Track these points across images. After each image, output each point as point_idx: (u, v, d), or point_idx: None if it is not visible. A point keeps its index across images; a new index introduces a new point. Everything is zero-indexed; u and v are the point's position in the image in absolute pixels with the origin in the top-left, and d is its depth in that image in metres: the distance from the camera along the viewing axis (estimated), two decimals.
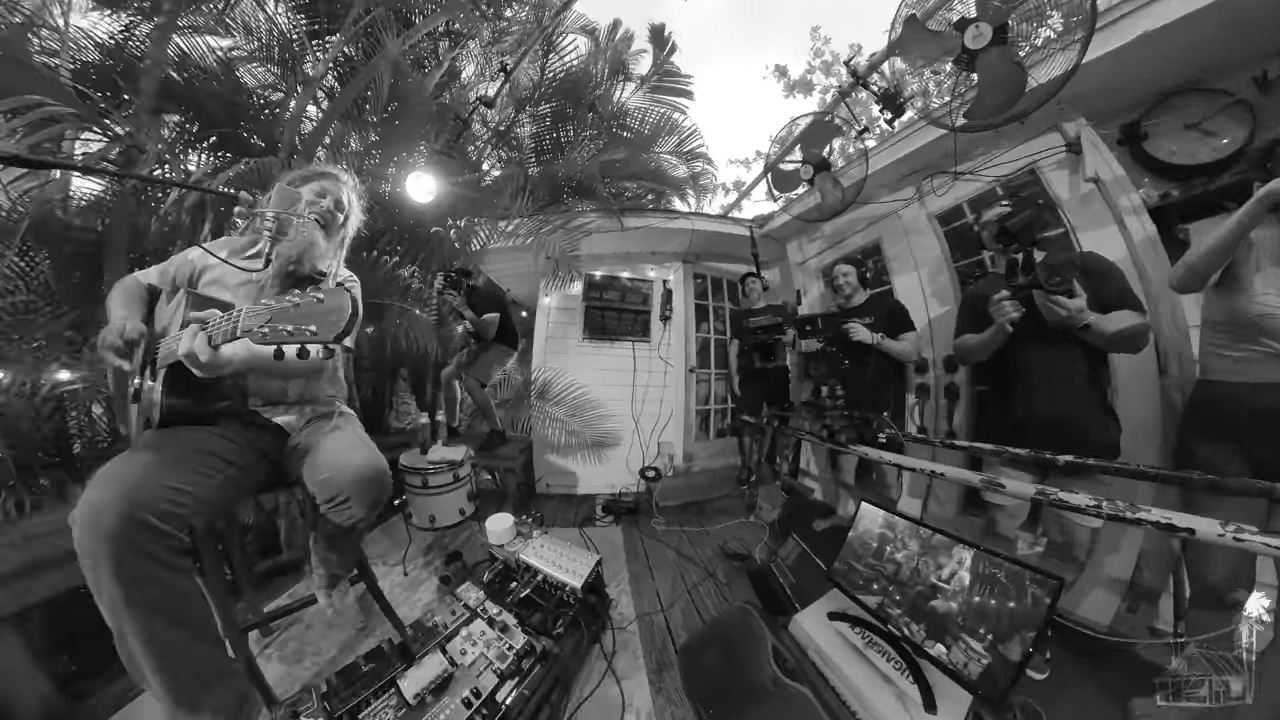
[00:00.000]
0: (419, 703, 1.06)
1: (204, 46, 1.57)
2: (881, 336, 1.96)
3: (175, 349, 0.82)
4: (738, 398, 3.14)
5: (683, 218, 3.41)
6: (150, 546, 0.76)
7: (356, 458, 1.01)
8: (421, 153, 2.50)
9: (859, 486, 2.28)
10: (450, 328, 3.00)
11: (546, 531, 1.80)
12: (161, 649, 0.77)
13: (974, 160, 2.12)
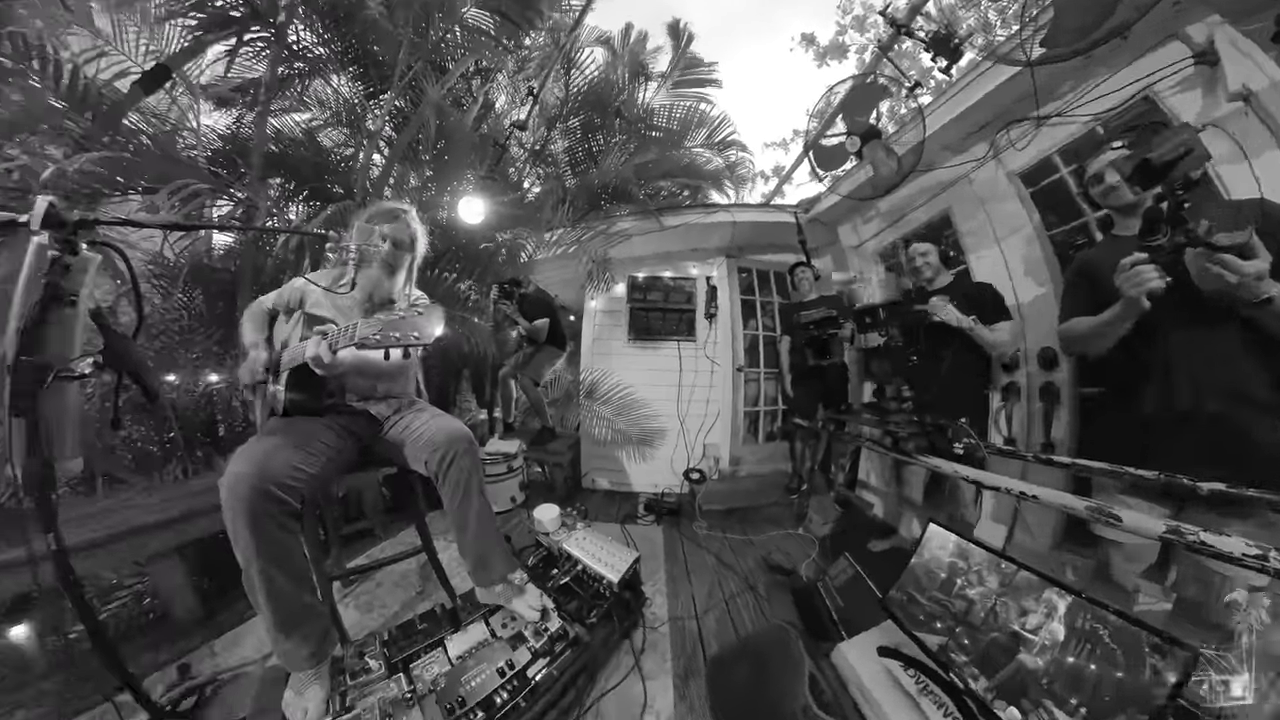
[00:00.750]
0: (460, 663, 1.21)
1: (291, 122, 2.04)
2: (974, 320, 1.65)
3: (300, 354, 1.08)
4: (790, 399, 2.92)
5: (722, 210, 3.35)
6: (271, 510, 0.99)
7: (453, 425, 1.28)
8: (469, 180, 2.79)
9: (927, 505, 2.01)
10: (505, 333, 3.33)
11: (589, 525, 1.86)
12: (271, 586, 1.01)
13: (1060, 99, 1.74)
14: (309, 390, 1.20)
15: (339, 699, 1.09)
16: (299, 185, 2.14)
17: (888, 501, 2.45)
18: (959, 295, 1.74)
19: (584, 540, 1.69)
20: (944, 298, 1.70)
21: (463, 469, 1.26)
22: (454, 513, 1.30)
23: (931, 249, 1.88)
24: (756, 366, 3.65)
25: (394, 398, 1.38)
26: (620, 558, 1.57)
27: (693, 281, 3.56)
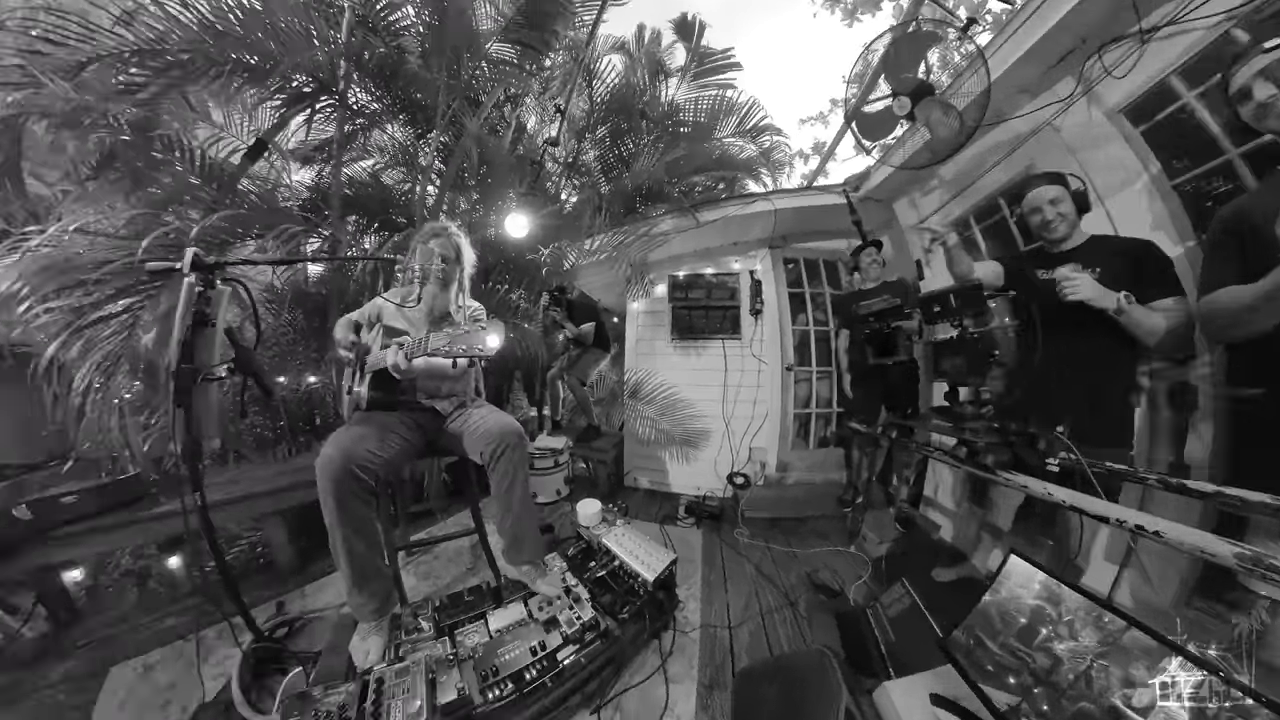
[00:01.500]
0: (498, 636, 1.32)
1: (359, 169, 2.48)
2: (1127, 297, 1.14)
3: (381, 360, 1.32)
4: (849, 400, 2.67)
5: (760, 199, 3.20)
6: (354, 487, 1.21)
7: (505, 421, 1.46)
8: (511, 198, 3.05)
9: (1012, 533, 1.73)
10: (554, 337, 3.59)
11: (629, 522, 1.90)
12: (350, 548, 1.23)
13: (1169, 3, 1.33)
14: (386, 390, 1.42)
15: (394, 649, 1.26)
16: (370, 219, 2.58)
17: (959, 523, 2.12)
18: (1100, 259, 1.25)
19: (623, 537, 1.73)
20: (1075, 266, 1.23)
21: (511, 460, 1.41)
22: (499, 497, 1.45)
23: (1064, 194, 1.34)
24: (807, 365, 3.40)
25: (456, 396, 1.57)
26: (657, 558, 1.59)
27: (735, 277, 3.43)
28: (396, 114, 2.40)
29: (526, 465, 1.47)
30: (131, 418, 1.59)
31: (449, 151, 2.59)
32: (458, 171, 2.69)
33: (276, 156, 2.25)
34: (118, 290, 1.52)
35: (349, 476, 1.20)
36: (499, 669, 1.22)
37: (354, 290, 2.42)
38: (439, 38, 2.09)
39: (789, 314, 3.38)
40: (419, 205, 2.65)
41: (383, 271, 2.38)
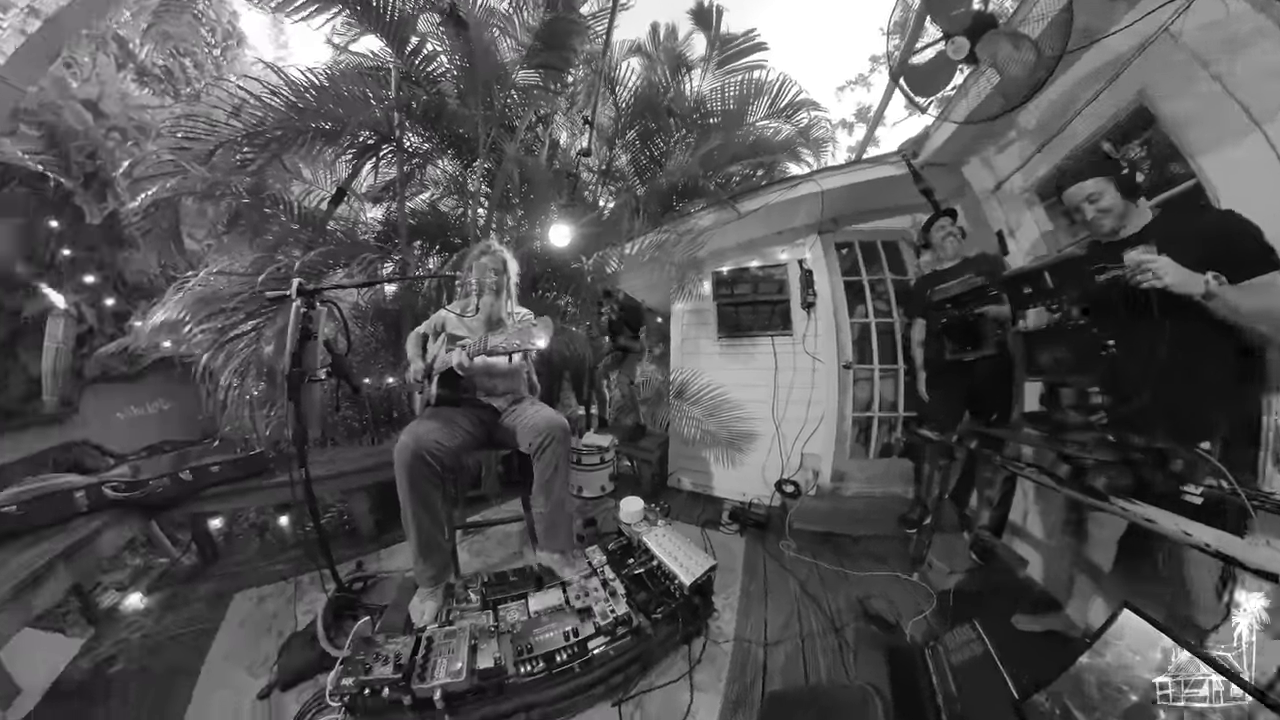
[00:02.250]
0: (536, 617, 1.43)
1: (420, 201, 2.93)
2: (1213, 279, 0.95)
3: (447, 362, 1.53)
4: (923, 403, 2.34)
5: (804, 181, 2.94)
6: (423, 471, 1.41)
7: (552, 416, 1.62)
8: (552, 211, 3.27)
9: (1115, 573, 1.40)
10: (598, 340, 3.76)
11: (670, 523, 1.90)
12: (418, 522, 1.44)
13: None
14: (451, 388, 1.65)
15: (445, 614, 1.45)
16: (432, 243, 3.01)
17: (1053, 560, 1.74)
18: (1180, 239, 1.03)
19: (663, 537, 1.73)
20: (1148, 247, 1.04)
21: (555, 452, 1.54)
22: (540, 485, 1.58)
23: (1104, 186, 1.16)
24: (868, 362, 3.06)
25: (511, 394, 1.75)
26: (696, 562, 1.57)
27: (783, 268, 3.21)
28: (445, 150, 2.78)
29: (568, 459, 1.59)
30: (258, 409, 2.12)
31: (493, 176, 2.90)
32: (502, 193, 2.98)
33: (353, 199, 2.77)
34: (247, 314, 2.03)
35: (420, 462, 1.40)
36: (533, 647, 1.31)
37: (422, 304, 2.84)
38: (471, 78, 2.37)
39: (845, 305, 3.05)
40: (472, 227, 3.01)
41: (445, 287, 2.77)
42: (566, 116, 3.27)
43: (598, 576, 1.59)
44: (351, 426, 2.60)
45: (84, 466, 1.79)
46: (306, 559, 1.87)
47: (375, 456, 2.22)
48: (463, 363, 1.47)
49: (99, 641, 1.41)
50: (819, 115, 3.16)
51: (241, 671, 1.42)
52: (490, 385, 1.70)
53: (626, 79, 3.16)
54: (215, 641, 1.54)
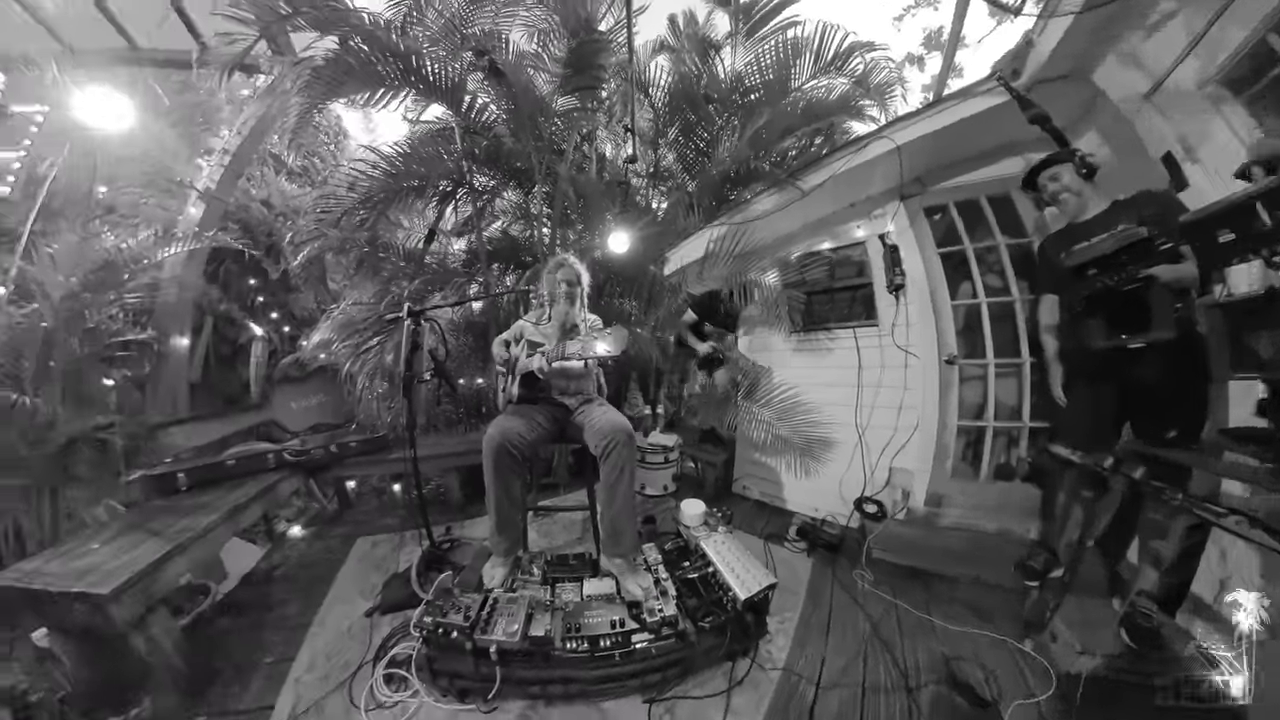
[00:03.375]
0: (587, 601, 1.53)
1: (494, 229, 3.49)
2: None
3: (527, 366, 1.72)
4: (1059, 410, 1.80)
5: (873, 139, 2.48)
6: (505, 459, 1.61)
7: (618, 419, 1.71)
8: (608, 220, 3.45)
9: None
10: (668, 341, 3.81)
11: (731, 531, 1.86)
12: (498, 501, 1.66)
13: None
14: (530, 388, 1.84)
15: (511, 582, 1.65)
16: (507, 263, 3.55)
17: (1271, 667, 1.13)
18: None
19: (722, 545, 1.70)
20: None
21: (620, 456, 1.61)
22: (606, 488, 1.64)
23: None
24: (979, 356, 2.45)
25: (581, 394, 1.90)
26: (754, 576, 1.52)
27: (862, 247, 2.78)
28: (507, 183, 3.26)
29: (633, 462, 1.65)
30: (382, 403, 2.84)
31: (551, 198, 3.28)
32: (561, 211, 3.34)
33: (442, 237, 3.46)
34: (374, 333, 2.75)
35: (503, 451, 1.61)
36: (581, 628, 1.40)
37: (503, 316, 3.37)
38: (518, 117, 2.77)
39: (944, 284, 2.52)
40: (539, 245, 3.45)
41: (521, 300, 3.26)
42: (608, 129, 3.48)
43: (651, 573, 1.62)
44: (449, 418, 3.24)
45: (272, 438, 2.69)
46: (410, 519, 2.43)
47: (467, 444, 2.69)
48: (543, 367, 1.65)
49: (272, 554, 2.13)
50: (876, 57, 2.71)
51: (355, 594, 1.93)
52: (564, 385, 1.86)
53: (657, 79, 3.22)
54: (341, 568, 2.13)
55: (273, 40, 1.83)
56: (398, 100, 2.31)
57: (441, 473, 2.77)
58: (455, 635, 1.38)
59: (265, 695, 1.41)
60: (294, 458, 2.17)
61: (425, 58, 2.21)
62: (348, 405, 2.78)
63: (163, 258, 2.29)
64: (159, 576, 1.38)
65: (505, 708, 1.36)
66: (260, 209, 3.15)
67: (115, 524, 1.55)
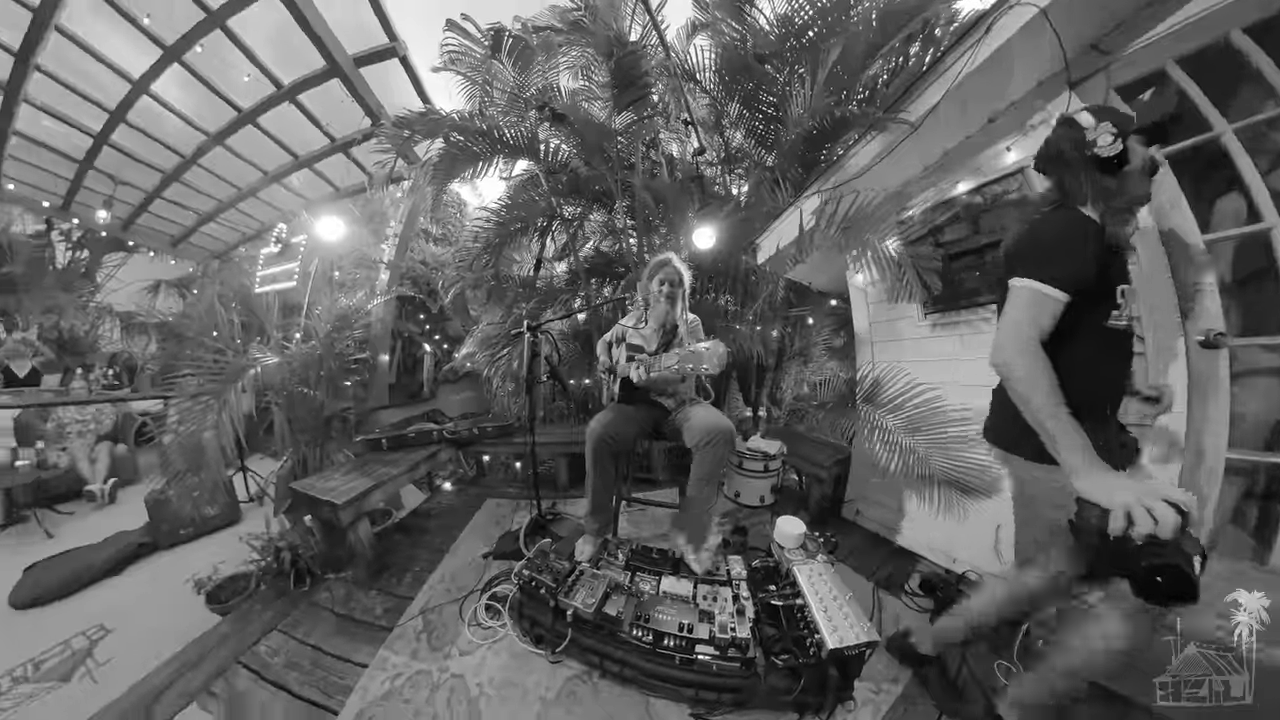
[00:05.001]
0: (662, 596, 1.60)
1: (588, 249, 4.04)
2: None
3: (626, 371, 1.87)
4: None
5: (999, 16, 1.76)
6: (603, 450, 1.83)
7: (717, 418, 1.77)
8: (690, 217, 3.47)
9: None
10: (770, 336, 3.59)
11: (834, 563, 1.70)
12: (595, 487, 1.89)
13: None
14: (629, 389, 1.97)
15: (597, 561, 1.81)
16: (603, 276, 4.06)
17: None
18: None
19: (818, 578, 1.54)
20: None
21: (715, 452, 1.68)
22: (693, 482, 1.77)
23: None
24: (1269, 331, 1.49)
25: (679, 395, 2.01)
26: (851, 625, 1.31)
27: (1019, 177, 1.94)
28: (591, 206, 3.76)
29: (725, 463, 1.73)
30: (510, 398, 3.71)
31: (631, 209, 3.64)
32: (644, 220, 3.65)
33: (546, 264, 4.21)
34: (503, 345, 3.66)
35: (602, 443, 1.79)
36: (649, 619, 1.47)
37: (604, 324, 3.90)
38: (586, 147, 3.24)
39: (1185, 205, 1.56)
40: (629, 255, 3.85)
41: (618, 308, 3.73)
42: (669, 130, 3.56)
43: (731, 588, 1.59)
44: (561, 412, 3.91)
45: (436, 421, 3.78)
46: (525, 490, 3.10)
47: (574, 435, 3.19)
48: (639, 377, 1.77)
49: (430, 499, 3.09)
50: None
51: (479, 539, 2.60)
52: (662, 389, 1.98)
53: (701, 62, 3.12)
54: (473, 518, 2.90)
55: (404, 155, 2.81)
56: (492, 167, 3.09)
57: (552, 456, 3.33)
58: (543, 591, 1.61)
59: (410, 590, 2.11)
60: (450, 435, 3.13)
61: (502, 128, 2.91)
62: (486, 399, 3.79)
63: (370, 307, 3.65)
64: (366, 499, 2.26)
65: (567, 664, 1.55)
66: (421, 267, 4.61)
67: (348, 465, 2.60)
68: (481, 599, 1.91)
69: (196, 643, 1.82)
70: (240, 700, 1.51)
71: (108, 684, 1.68)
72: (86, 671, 1.80)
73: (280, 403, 2.74)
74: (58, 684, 1.74)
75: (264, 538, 2.22)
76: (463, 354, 3.87)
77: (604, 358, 2.09)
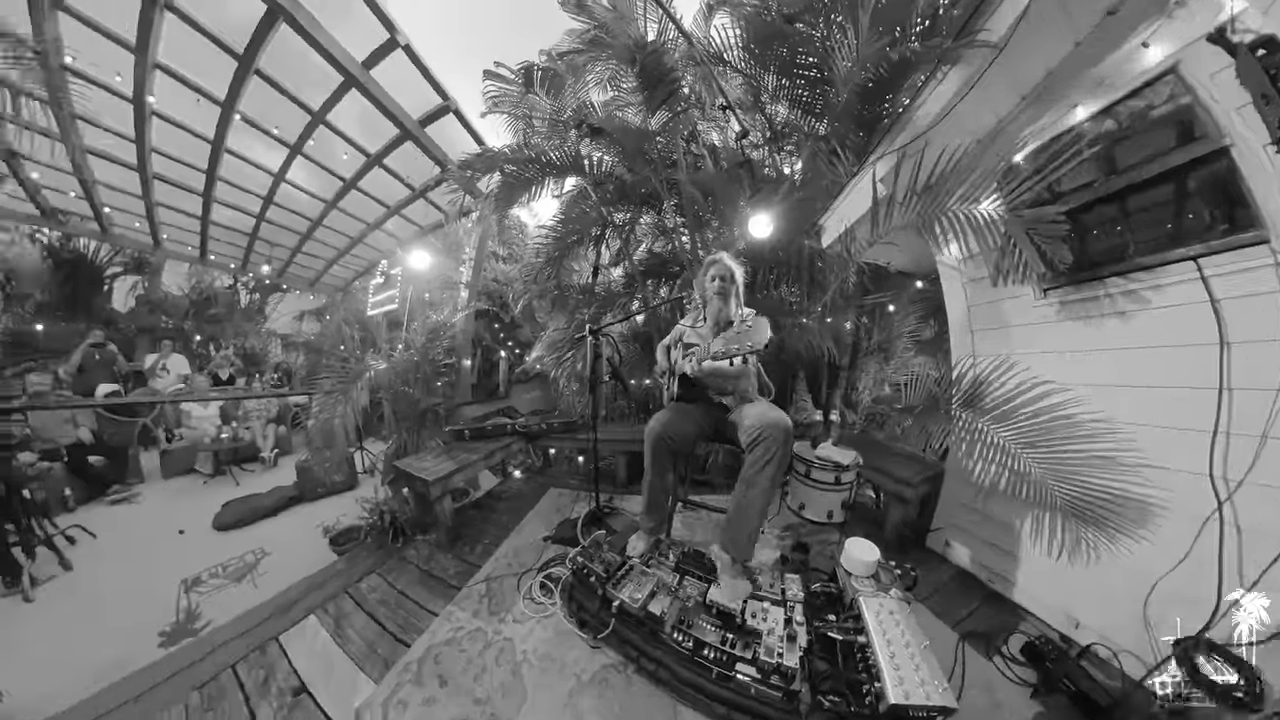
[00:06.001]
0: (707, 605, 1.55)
1: (642, 252, 4.19)
2: None
3: (682, 368, 1.87)
4: None
5: None
6: (662, 450, 1.86)
7: (773, 413, 1.65)
8: (742, 206, 3.29)
9: None
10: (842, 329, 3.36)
11: (910, 603, 1.44)
12: (652, 485, 1.94)
13: None
14: (687, 388, 1.97)
15: (648, 559, 1.87)
16: (659, 277, 4.19)
17: None
18: None
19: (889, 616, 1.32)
20: None
21: (767, 449, 1.52)
22: (742, 481, 1.60)
23: None
24: None
25: (738, 394, 1.94)
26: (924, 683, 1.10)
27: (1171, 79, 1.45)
28: (640, 209, 3.93)
29: (782, 463, 1.54)
30: (575, 397, 4.02)
31: (681, 207, 3.74)
32: (694, 215, 3.73)
33: (603, 269, 4.44)
34: (568, 348, 4.00)
35: (661, 442, 1.82)
36: (691, 625, 1.45)
37: (663, 324, 4.05)
38: (626, 153, 3.40)
39: None
40: (683, 254, 3.95)
41: (676, 307, 3.86)
42: (706, 119, 3.55)
43: (785, 609, 1.48)
44: (623, 411, 4.11)
45: (510, 416, 4.16)
46: (585, 483, 3.37)
47: (634, 434, 3.41)
48: (695, 369, 1.74)
49: (502, 483, 3.50)
50: None
51: (540, 523, 2.92)
52: (720, 386, 1.93)
53: (726, 41, 2.98)
54: (537, 503, 3.23)
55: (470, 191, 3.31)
56: (543, 189, 3.43)
57: (613, 453, 3.54)
58: (593, 579, 1.71)
59: (479, 559, 2.49)
60: (521, 429, 3.53)
61: (547, 151, 3.23)
62: (554, 398, 4.15)
63: (454, 320, 4.32)
64: (450, 479, 2.70)
65: (606, 652, 1.64)
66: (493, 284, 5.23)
67: (438, 450, 3.13)
68: (537, 577, 2.12)
69: (320, 572, 2.46)
70: (344, 620, 1.99)
71: (263, 589, 2.47)
72: (251, 578, 2.69)
73: (388, 398, 3.42)
74: (234, 583, 2.63)
75: (372, 501, 2.82)
76: (532, 357, 4.34)
77: (662, 360, 2.10)
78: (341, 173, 5.80)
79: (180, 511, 3.75)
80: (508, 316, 5.03)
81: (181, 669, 1.73)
